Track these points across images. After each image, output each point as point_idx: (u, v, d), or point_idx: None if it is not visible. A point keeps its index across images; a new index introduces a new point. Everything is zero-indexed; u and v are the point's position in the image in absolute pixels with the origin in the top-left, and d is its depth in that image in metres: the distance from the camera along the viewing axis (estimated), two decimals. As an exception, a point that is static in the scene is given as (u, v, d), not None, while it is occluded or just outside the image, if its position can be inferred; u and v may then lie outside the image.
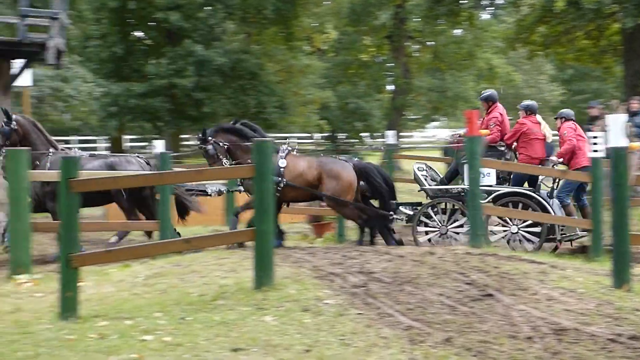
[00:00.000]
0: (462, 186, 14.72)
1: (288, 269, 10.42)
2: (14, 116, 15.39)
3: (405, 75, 46.27)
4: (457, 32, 46.96)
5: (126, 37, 44.01)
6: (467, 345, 7.58)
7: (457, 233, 14.86)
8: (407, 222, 15.43)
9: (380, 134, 47.80)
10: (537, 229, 14.72)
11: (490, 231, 14.82)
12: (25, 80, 23.30)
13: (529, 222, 14.71)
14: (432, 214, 15.07)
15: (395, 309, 8.73)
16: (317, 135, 53.76)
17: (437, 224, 15.03)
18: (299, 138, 54.23)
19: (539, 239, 14.70)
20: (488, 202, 14.65)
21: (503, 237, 14.74)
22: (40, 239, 16.65)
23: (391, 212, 14.88)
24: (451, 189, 15.15)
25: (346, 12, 46.40)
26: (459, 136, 16.93)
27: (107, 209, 21.31)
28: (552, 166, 15.32)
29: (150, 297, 9.77)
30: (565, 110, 16.30)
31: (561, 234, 15.04)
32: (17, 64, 17.90)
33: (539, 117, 15.67)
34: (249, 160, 15.13)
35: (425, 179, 15.48)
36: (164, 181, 12.76)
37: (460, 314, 8.63)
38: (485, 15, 47.56)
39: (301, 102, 46.30)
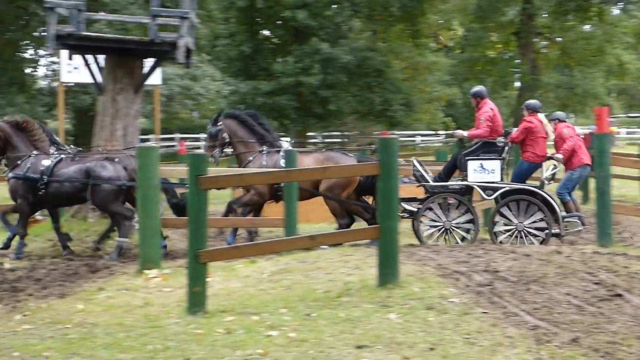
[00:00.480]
0: (465, 182, 14.74)
1: (412, 267, 10.39)
2: None
3: (532, 71, 45.60)
4: (587, 27, 46.05)
5: (254, 36, 44.56)
6: (595, 346, 7.44)
7: (459, 228, 14.77)
8: (408, 218, 15.29)
9: (507, 131, 47.16)
10: (543, 224, 14.53)
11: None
12: (155, 79, 23.82)
13: (535, 218, 14.52)
14: (436, 209, 14.93)
15: (521, 308, 8.62)
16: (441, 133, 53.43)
17: (441, 220, 14.88)
18: (423, 135, 54.03)
19: (545, 234, 14.49)
20: (496, 198, 14.69)
21: (509, 234, 14.55)
22: (170, 235, 17.00)
23: None
24: (452, 184, 15.01)
25: (473, 9, 45.97)
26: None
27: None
28: (554, 164, 15.31)
29: (275, 293, 9.87)
30: (558, 113, 16.70)
31: (564, 229, 14.82)
32: (148, 63, 18.28)
33: (541, 116, 15.59)
34: (248, 155, 15.79)
35: (427, 174, 15.38)
36: (291, 178, 12.85)
37: (588, 314, 8.47)
38: (615, 11, 46.58)
39: (427, 99, 46.18)
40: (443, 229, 14.78)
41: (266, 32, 46.58)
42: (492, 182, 14.72)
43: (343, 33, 43.20)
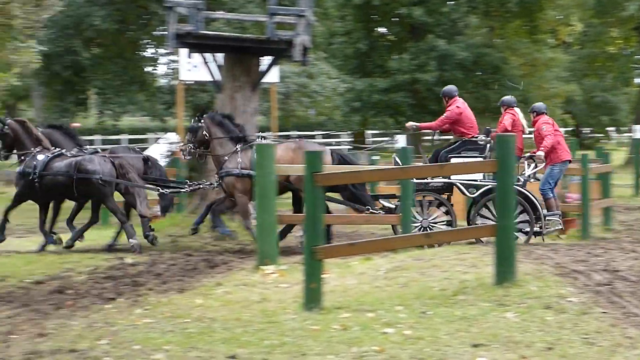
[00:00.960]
0: (447, 180, 14.88)
1: (530, 266, 10.28)
2: (7, 120, 16.88)
3: (655, 67, 44.54)
4: None
5: (370, 33, 44.57)
6: None
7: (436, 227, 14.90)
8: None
9: (627, 128, 46.21)
10: (526, 223, 14.65)
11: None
12: (272, 76, 24.01)
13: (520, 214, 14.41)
14: (414, 207, 14.99)
15: (642, 309, 8.46)
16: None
17: (419, 218, 14.95)
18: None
19: (527, 233, 14.60)
20: (477, 196, 14.76)
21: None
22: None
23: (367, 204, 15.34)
24: (434, 182, 14.98)
25: (592, 4, 45.04)
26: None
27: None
28: (535, 161, 15.41)
29: (391, 290, 9.87)
30: (537, 104, 16.75)
31: (545, 227, 14.96)
32: (265, 61, 18.45)
33: (517, 110, 15.86)
34: (222, 153, 16.09)
35: None
36: (407, 175, 12.84)
37: None
38: None
39: (545, 95, 45.29)
40: (421, 227, 14.93)
41: (382, 30, 46.53)
42: (474, 180, 14.83)
43: (459, 29, 42.89)
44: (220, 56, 18.09)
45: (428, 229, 14.89)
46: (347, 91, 39.22)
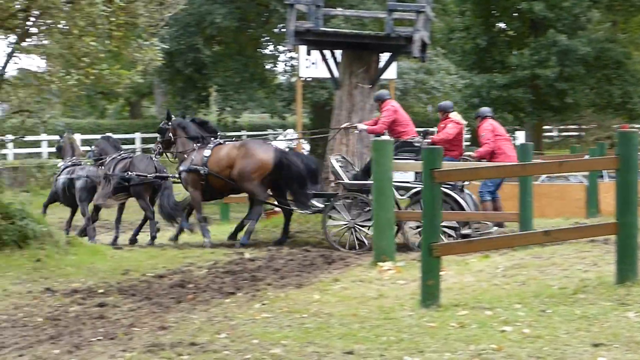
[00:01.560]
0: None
1: (653, 265, 10.05)
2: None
3: None
4: None
5: (489, 29, 44.15)
6: None
7: (364, 228, 15.10)
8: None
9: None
10: (455, 224, 14.79)
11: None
12: (391, 73, 24.00)
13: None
14: (340, 208, 15.20)
15: None
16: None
17: (345, 218, 15.15)
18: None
19: (455, 234, 14.63)
20: (407, 198, 14.96)
21: (419, 233, 14.13)
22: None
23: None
24: (368, 183, 14.77)
25: None
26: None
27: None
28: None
29: (509, 289, 9.78)
30: (482, 109, 17.27)
31: (475, 229, 14.99)
32: (383, 57, 18.45)
33: (453, 115, 16.30)
34: (185, 155, 17.07)
35: (345, 172, 15.74)
36: (527, 172, 12.67)
37: None
38: None
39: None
40: (347, 227, 15.27)
41: (502, 25, 46.05)
42: (406, 182, 14.98)
43: (581, 24, 42.13)
44: (339, 53, 18.18)
45: (353, 229, 15.28)
46: (465, 87, 38.98)
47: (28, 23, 13.46)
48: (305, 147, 30.72)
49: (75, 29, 13.20)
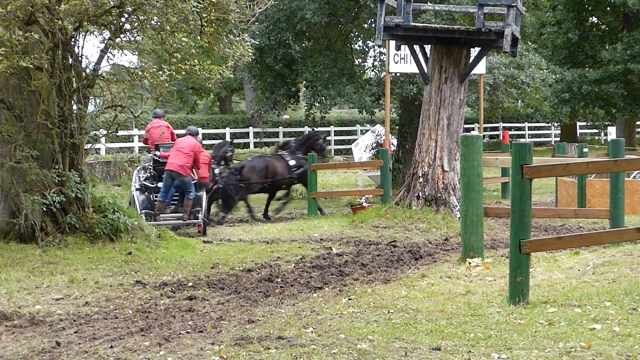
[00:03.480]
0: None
1: None
2: None
3: None
4: None
5: (581, 23, 43.60)
6: None
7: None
8: None
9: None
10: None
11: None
12: (480, 68, 23.84)
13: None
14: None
15: None
16: None
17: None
18: None
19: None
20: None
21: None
22: (491, 224, 17.00)
23: None
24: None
25: None
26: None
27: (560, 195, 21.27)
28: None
29: (599, 286, 9.66)
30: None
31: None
32: (473, 52, 18.33)
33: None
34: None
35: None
36: (619, 168, 12.47)
37: None
38: None
39: None
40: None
41: (594, 19, 45.41)
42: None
43: (677, 17, 41.36)
44: (428, 48, 18.11)
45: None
46: (556, 82, 38.51)
47: (122, 19, 13.67)
48: (394, 142, 30.63)
49: (167, 25, 13.39)
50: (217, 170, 20.88)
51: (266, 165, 22.09)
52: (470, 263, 12.01)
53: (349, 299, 10.03)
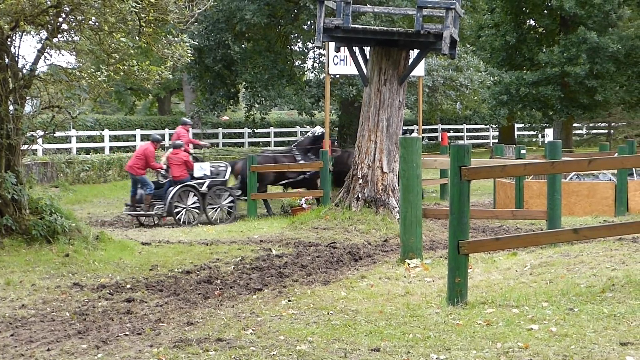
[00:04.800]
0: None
1: (682, 264, 10.00)
2: None
3: None
4: None
5: (519, 26, 44.09)
6: None
7: None
8: None
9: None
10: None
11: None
12: (419, 70, 23.96)
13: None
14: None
15: None
16: None
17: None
18: None
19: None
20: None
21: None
22: (430, 225, 17.10)
23: None
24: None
25: None
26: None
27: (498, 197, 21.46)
28: None
29: (536, 287, 9.75)
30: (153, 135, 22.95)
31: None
32: (412, 54, 18.42)
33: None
34: None
35: None
36: (556, 170, 12.62)
37: None
38: None
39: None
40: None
41: (532, 22, 45.93)
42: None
43: (612, 21, 41.93)
44: (367, 50, 18.17)
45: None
46: (494, 84, 38.88)
47: (59, 19, 13.52)
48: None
49: (105, 26, 13.27)
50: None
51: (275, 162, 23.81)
52: (409, 264, 12.07)
53: (289, 301, 10.02)
